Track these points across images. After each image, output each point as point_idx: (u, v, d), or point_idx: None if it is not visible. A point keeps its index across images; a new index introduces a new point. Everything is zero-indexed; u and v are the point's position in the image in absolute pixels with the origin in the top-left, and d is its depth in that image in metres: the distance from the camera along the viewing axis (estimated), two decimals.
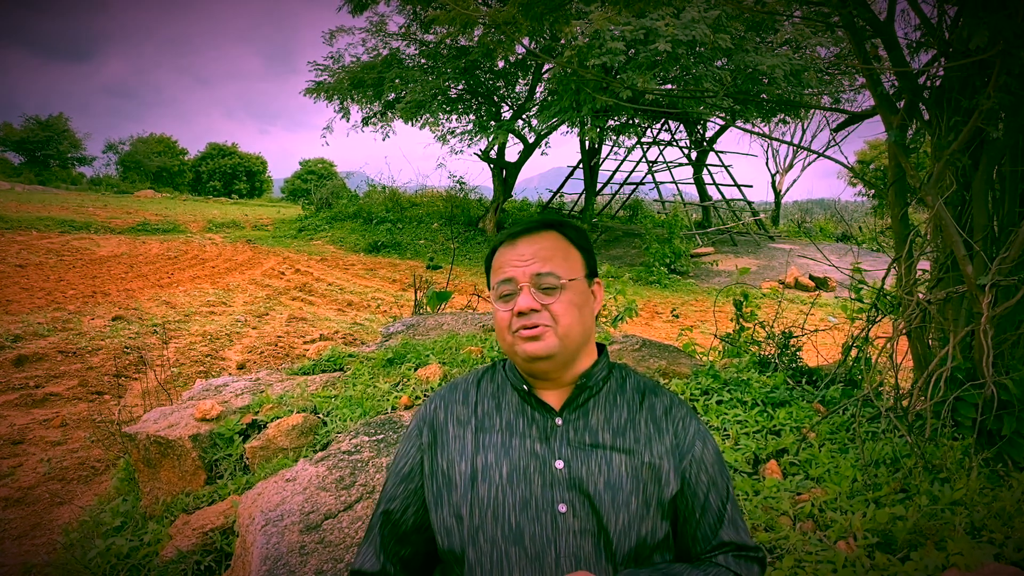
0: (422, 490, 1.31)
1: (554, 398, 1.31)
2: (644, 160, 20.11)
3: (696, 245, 16.94)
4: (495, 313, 1.30)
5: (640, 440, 1.28)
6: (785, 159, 26.54)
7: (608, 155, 22.57)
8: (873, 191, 25.32)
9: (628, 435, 1.28)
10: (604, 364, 1.35)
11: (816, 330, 3.93)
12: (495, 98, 17.30)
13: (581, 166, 21.56)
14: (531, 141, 17.81)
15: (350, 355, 4.26)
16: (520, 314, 1.24)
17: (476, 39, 11.64)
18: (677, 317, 10.02)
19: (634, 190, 23.40)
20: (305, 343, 7.28)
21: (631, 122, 18.29)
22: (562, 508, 1.19)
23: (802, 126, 24.26)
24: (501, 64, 16.08)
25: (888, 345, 2.96)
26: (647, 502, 1.22)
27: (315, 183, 32.40)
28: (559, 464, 1.23)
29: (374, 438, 2.98)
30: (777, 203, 25.82)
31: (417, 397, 3.48)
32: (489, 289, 1.35)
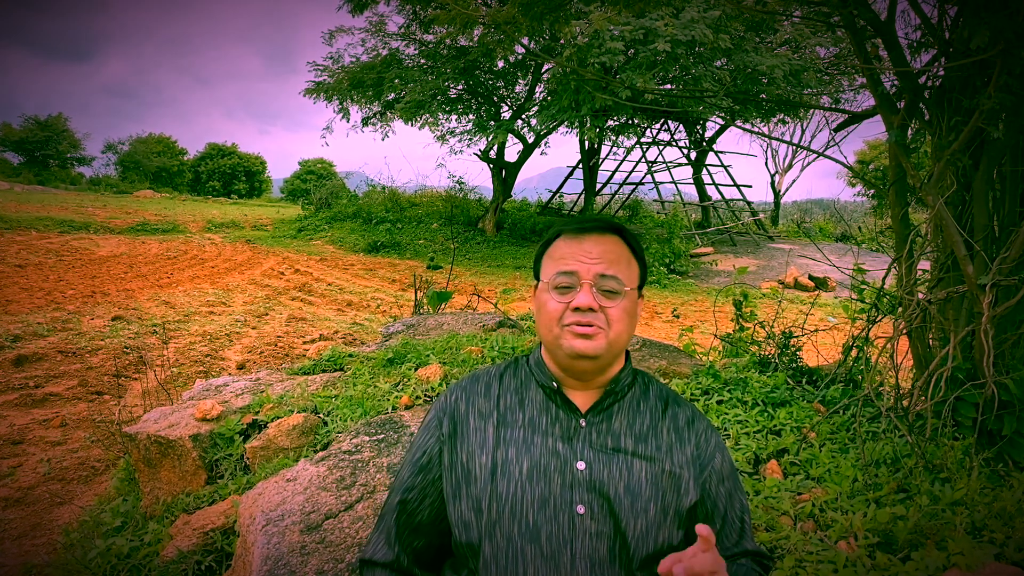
0: (440, 481, 1.30)
1: (580, 399, 1.31)
2: (643, 160, 20.13)
3: (695, 245, 16.95)
4: (545, 302, 1.28)
5: (662, 448, 1.28)
6: (784, 159, 26.60)
7: (607, 155, 22.61)
8: (873, 191, 25.34)
9: (650, 442, 1.28)
10: (629, 370, 1.36)
11: (816, 330, 3.93)
12: (495, 98, 17.30)
13: (580, 166, 21.58)
14: (531, 141, 17.81)
15: (350, 355, 4.26)
16: (576, 309, 1.23)
17: (476, 39, 11.64)
18: (677, 317, 10.02)
19: (633, 190, 23.40)
20: (305, 343, 7.28)
21: (630, 122, 18.30)
22: (580, 509, 1.20)
23: (801, 126, 24.30)
24: (501, 64, 16.07)
25: (888, 345, 2.96)
26: (665, 510, 1.22)
27: (314, 183, 32.38)
28: (580, 465, 1.23)
29: (375, 438, 2.98)
30: (776, 203, 25.83)
31: (418, 397, 3.48)
32: (537, 278, 1.34)
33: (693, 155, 20.60)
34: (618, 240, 1.30)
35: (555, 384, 1.31)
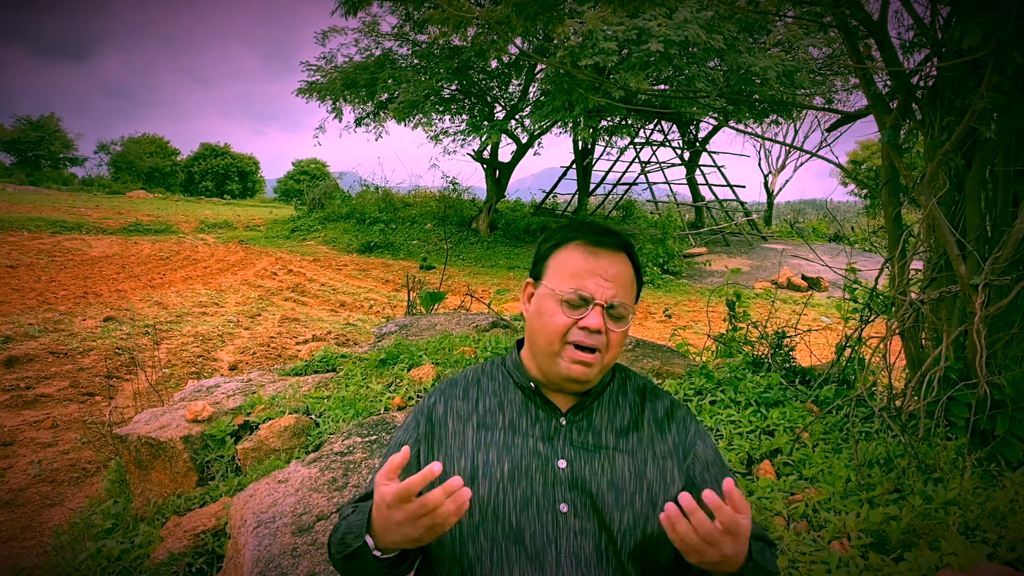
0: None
1: (560, 398, 1.32)
2: (637, 160, 20.14)
3: (689, 245, 16.97)
4: (551, 313, 1.27)
5: (643, 440, 1.30)
6: (778, 159, 26.64)
7: (601, 155, 22.61)
8: (865, 191, 25.44)
9: (631, 436, 1.30)
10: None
11: (809, 330, 3.94)
12: (488, 98, 17.28)
13: (574, 166, 21.57)
14: (524, 141, 17.79)
15: (343, 356, 4.25)
16: (584, 328, 1.24)
17: (470, 39, 11.62)
18: (670, 317, 10.03)
19: (627, 190, 23.39)
20: (298, 344, 7.25)
21: (624, 123, 18.32)
22: (563, 508, 1.20)
23: (794, 127, 24.34)
24: (494, 64, 16.06)
25: (881, 345, 2.96)
26: (652, 501, 1.23)
27: (308, 183, 32.27)
28: (561, 464, 1.24)
29: (367, 439, 2.96)
30: (770, 203, 25.90)
31: (410, 398, 3.46)
32: (537, 275, 1.33)
33: (686, 155, 20.62)
34: (627, 260, 1.31)
35: (533, 385, 1.32)
